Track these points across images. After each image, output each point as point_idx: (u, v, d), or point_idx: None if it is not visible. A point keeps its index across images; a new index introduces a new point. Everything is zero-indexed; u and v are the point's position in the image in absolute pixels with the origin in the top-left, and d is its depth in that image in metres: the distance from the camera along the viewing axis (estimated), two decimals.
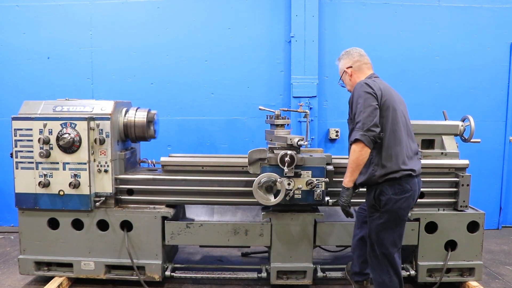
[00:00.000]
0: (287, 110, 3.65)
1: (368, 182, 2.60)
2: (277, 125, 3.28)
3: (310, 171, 3.10)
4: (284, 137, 3.12)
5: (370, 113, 2.42)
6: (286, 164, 2.99)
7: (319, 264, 3.45)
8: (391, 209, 2.52)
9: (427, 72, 4.97)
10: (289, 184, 3.09)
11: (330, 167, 3.19)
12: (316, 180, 3.09)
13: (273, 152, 3.16)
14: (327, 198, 3.13)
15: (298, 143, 3.04)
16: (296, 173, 3.10)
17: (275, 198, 3.05)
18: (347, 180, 2.55)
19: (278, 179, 3.03)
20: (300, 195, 3.12)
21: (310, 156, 3.15)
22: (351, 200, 2.61)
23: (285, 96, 4.92)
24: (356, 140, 2.42)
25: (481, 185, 5.00)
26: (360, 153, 2.43)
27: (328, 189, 3.18)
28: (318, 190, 3.10)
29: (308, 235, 3.28)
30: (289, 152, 3.01)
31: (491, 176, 5.11)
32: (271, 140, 3.27)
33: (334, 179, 3.22)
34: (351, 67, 2.78)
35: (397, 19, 4.90)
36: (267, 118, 3.42)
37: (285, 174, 3.06)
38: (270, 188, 3.05)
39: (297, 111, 3.75)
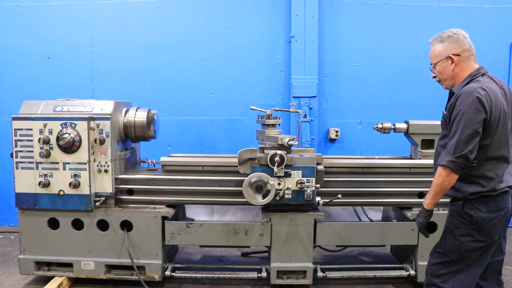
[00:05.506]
0: (279, 110, 3.64)
1: (456, 197, 2.31)
2: (268, 125, 3.27)
3: (301, 171, 3.08)
4: (275, 137, 3.10)
5: (469, 137, 2.11)
6: (276, 164, 2.97)
7: (319, 264, 3.45)
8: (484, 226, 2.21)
9: (427, 72, 4.94)
10: (279, 184, 3.08)
11: (320, 167, 3.15)
12: (307, 180, 3.08)
13: (264, 152, 3.14)
14: (317, 199, 3.12)
15: (289, 143, 3.02)
16: (286, 173, 3.08)
17: (264, 198, 3.05)
18: (428, 202, 2.30)
19: (269, 179, 3.02)
20: (290, 195, 3.11)
21: (300, 156, 3.13)
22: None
23: (285, 96, 4.92)
24: (444, 165, 2.16)
25: None
26: (445, 179, 2.18)
27: (320, 189, 3.14)
28: (309, 190, 3.07)
29: (308, 235, 3.28)
30: (279, 152, 3.00)
31: None
32: (262, 140, 3.26)
33: (325, 178, 3.19)
34: (459, 55, 2.33)
35: (397, 19, 4.90)
36: (258, 118, 3.41)
37: (275, 174, 3.05)
38: (260, 188, 3.04)
39: (288, 110, 3.74)
